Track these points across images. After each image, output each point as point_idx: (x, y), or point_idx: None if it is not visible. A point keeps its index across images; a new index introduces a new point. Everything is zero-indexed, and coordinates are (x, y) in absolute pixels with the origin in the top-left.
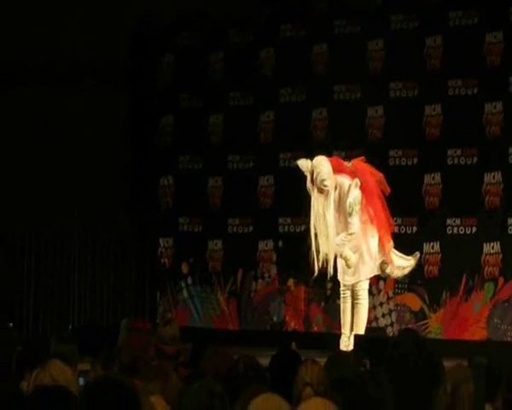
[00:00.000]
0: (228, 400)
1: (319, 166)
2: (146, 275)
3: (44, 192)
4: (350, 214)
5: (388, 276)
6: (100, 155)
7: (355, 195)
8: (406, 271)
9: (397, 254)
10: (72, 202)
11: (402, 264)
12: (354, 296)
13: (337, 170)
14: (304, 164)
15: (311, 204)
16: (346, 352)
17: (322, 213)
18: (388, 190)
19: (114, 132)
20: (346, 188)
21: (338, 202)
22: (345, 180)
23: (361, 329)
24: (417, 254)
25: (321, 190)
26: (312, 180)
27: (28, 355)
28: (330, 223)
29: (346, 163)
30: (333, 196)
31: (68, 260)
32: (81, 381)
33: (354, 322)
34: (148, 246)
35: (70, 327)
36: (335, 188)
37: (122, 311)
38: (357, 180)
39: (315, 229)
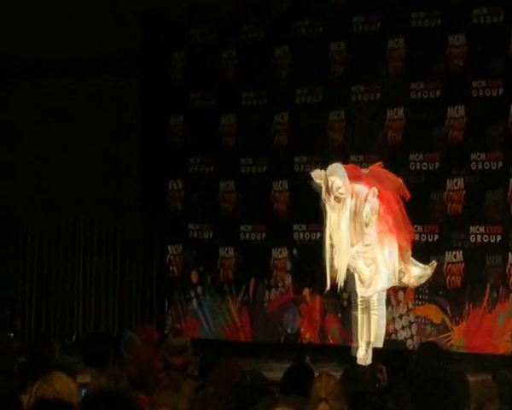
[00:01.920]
0: None
1: (334, 174)
2: (154, 284)
3: (49, 194)
4: (366, 225)
5: (405, 285)
6: (110, 158)
7: (372, 204)
8: (423, 280)
9: (413, 263)
10: (79, 207)
11: (418, 273)
12: (369, 307)
13: (353, 178)
14: (318, 174)
15: (327, 215)
16: (363, 366)
17: (337, 223)
18: (408, 195)
19: (125, 133)
20: (363, 197)
21: (354, 212)
22: (362, 189)
23: (377, 341)
24: (434, 262)
25: (337, 199)
26: (328, 190)
27: (31, 366)
28: (345, 233)
29: (363, 170)
30: (349, 204)
31: (73, 266)
32: (82, 393)
33: (372, 335)
34: (156, 253)
35: (74, 337)
36: (352, 197)
37: (128, 320)
38: (374, 189)
39: (330, 240)
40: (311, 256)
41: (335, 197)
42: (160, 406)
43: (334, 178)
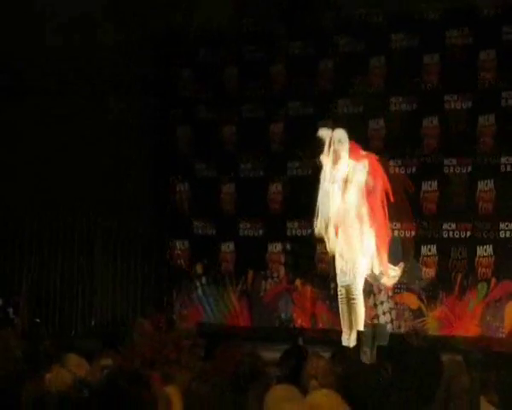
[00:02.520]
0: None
1: (339, 132)
2: (164, 275)
3: (69, 195)
4: (351, 183)
5: (384, 285)
6: (123, 162)
7: (363, 172)
8: (395, 280)
9: (389, 266)
10: (97, 205)
11: (393, 274)
12: (349, 295)
13: (352, 151)
14: (325, 132)
15: (321, 178)
16: (348, 347)
17: (328, 188)
18: (392, 199)
19: (135, 140)
20: (355, 168)
21: (345, 183)
22: (355, 163)
23: (360, 326)
24: (402, 264)
25: (335, 158)
26: (330, 145)
27: (55, 349)
28: (334, 194)
29: (361, 151)
30: (343, 168)
31: (92, 260)
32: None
33: (353, 320)
34: (165, 248)
35: (93, 323)
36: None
37: (142, 308)
38: (365, 162)
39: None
40: (303, 250)
41: (334, 151)
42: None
43: (339, 134)
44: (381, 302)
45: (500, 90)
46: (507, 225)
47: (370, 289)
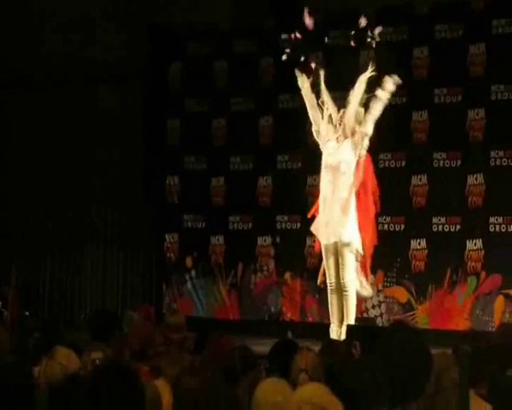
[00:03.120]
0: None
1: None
2: (153, 268)
3: (60, 187)
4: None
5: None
6: (113, 154)
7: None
8: (367, 293)
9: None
10: (86, 198)
11: (367, 287)
12: (342, 288)
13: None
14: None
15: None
16: (338, 340)
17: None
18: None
19: (127, 134)
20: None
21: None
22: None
23: (351, 320)
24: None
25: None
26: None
27: (44, 342)
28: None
29: None
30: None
31: (82, 252)
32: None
33: (344, 313)
34: (154, 241)
35: (82, 316)
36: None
37: (131, 301)
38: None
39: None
40: (292, 243)
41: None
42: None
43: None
44: (371, 296)
45: (490, 84)
46: (496, 219)
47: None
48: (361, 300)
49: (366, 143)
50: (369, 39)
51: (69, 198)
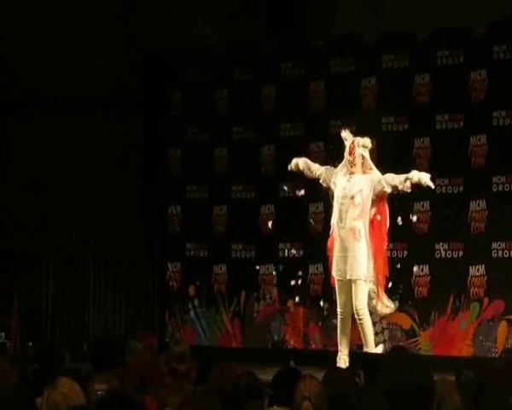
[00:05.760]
0: None
1: (366, 138)
2: (156, 297)
3: (61, 215)
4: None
5: (378, 314)
6: (115, 182)
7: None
8: (389, 311)
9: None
10: (89, 226)
11: (387, 303)
12: (356, 317)
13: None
14: (347, 134)
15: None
16: (341, 368)
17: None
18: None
19: (129, 162)
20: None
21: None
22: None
23: (371, 346)
24: (397, 303)
25: (353, 158)
26: (351, 149)
27: (44, 371)
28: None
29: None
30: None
31: (83, 282)
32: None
33: (363, 341)
34: (157, 270)
35: (85, 347)
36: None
37: (134, 331)
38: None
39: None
40: (295, 271)
41: (354, 155)
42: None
43: (364, 140)
44: (374, 323)
45: (492, 110)
46: (499, 245)
47: None
48: None
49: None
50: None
51: (69, 226)
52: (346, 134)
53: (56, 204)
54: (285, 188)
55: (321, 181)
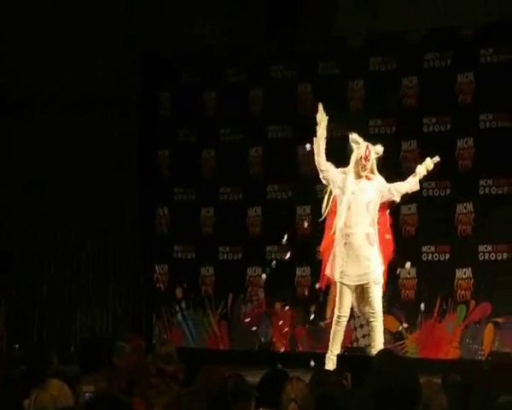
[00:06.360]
0: None
1: (379, 146)
2: (143, 299)
3: (50, 214)
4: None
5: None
6: (115, 183)
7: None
8: None
9: None
10: (77, 227)
11: None
12: (371, 319)
13: None
14: (360, 140)
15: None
16: (329, 370)
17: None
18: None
19: (128, 162)
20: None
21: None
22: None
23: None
24: None
25: (362, 170)
26: (366, 154)
27: (31, 374)
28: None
29: None
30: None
31: (71, 283)
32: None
33: (372, 344)
34: (145, 272)
35: (72, 348)
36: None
37: (121, 333)
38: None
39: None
40: (282, 274)
41: (367, 163)
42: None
43: (378, 147)
44: (361, 326)
45: (479, 113)
46: (486, 248)
47: (351, 311)
48: (350, 329)
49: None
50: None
51: (60, 226)
52: (356, 137)
53: (43, 203)
54: (272, 189)
55: (322, 176)
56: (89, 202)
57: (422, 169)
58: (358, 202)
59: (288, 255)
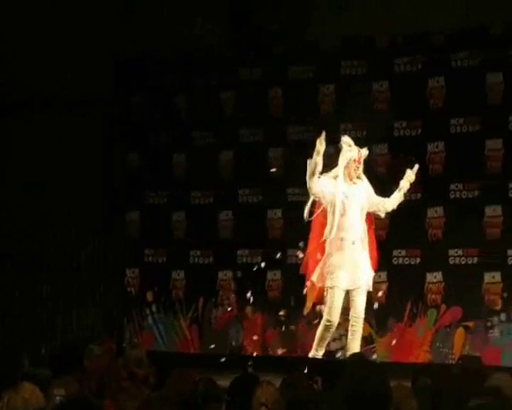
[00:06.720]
0: None
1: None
2: (114, 303)
3: (20, 218)
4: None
5: None
6: (73, 189)
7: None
8: None
9: None
10: (46, 231)
11: None
12: (355, 324)
13: None
14: (349, 140)
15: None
16: (299, 374)
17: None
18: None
19: (89, 165)
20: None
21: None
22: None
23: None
24: None
25: (353, 175)
26: (359, 158)
27: (2, 377)
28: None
29: None
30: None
31: (42, 287)
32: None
33: (351, 347)
34: (116, 276)
35: (43, 351)
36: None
37: (93, 336)
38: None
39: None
40: (253, 277)
41: (360, 163)
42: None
43: (365, 150)
44: None
45: (449, 118)
46: (456, 252)
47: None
48: None
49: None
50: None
51: (27, 230)
52: (348, 140)
53: (12, 206)
54: (243, 193)
55: (313, 197)
56: (56, 207)
57: (406, 183)
58: (352, 206)
59: (259, 259)
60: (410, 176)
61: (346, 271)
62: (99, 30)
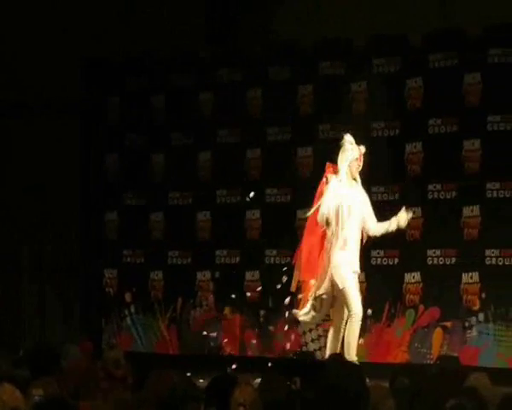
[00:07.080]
0: None
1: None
2: (92, 304)
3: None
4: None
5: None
6: (50, 189)
7: None
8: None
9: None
10: (24, 231)
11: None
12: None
13: None
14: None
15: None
16: (277, 375)
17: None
18: None
19: (66, 166)
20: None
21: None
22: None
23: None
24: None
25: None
26: (360, 157)
27: None
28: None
29: None
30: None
31: (20, 287)
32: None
33: (347, 345)
34: (94, 277)
35: (21, 352)
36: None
37: (70, 337)
38: None
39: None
40: (232, 278)
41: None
42: None
43: (362, 148)
44: (310, 330)
45: (427, 118)
46: (434, 252)
47: None
48: (299, 334)
49: None
50: None
51: (4, 231)
52: (350, 139)
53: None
54: (222, 194)
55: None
56: (31, 206)
57: (393, 225)
58: (356, 207)
59: (238, 259)
60: (401, 223)
61: (348, 269)
62: (72, 30)
